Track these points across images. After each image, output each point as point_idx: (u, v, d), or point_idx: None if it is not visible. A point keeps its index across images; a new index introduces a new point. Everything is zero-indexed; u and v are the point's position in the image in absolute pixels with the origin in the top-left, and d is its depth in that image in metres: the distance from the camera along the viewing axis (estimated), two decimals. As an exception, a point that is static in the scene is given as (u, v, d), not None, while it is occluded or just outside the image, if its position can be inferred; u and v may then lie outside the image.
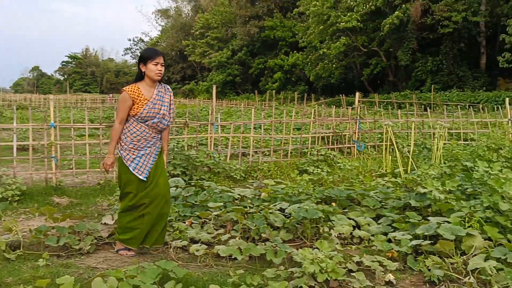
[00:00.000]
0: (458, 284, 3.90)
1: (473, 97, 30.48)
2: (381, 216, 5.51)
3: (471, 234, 4.47)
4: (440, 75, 35.85)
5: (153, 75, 4.34)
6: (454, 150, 8.77)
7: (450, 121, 12.03)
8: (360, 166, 8.42)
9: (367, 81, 41.54)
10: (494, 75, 36.37)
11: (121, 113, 4.37)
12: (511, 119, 12.13)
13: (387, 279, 3.91)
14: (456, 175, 6.70)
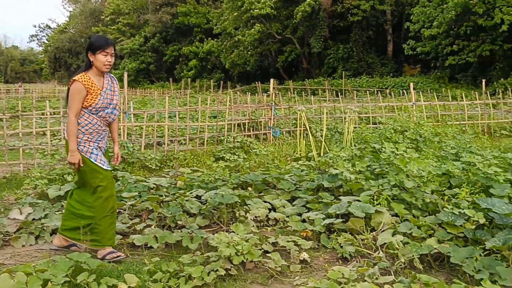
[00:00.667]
0: (369, 258, 4.09)
1: (381, 83, 31.97)
2: (296, 198, 5.64)
3: (380, 211, 4.71)
4: (351, 62, 37.24)
5: (101, 66, 4.06)
6: (363, 133, 9.14)
7: (360, 106, 12.54)
8: (275, 151, 8.57)
9: (282, 69, 42.25)
10: (400, 62, 38.37)
11: (76, 105, 3.99)
12: (415, 103, 12.86)
13: (301, 258, 4.02)
14: (365, 157, 7.00)
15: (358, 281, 3.38)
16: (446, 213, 4.42)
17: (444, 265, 3.98)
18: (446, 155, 7.46)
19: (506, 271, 3.44)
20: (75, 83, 4.00)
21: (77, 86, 3.99)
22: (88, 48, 4.11)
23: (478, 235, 4.18)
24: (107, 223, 4.15)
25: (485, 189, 5.36)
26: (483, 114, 13.31)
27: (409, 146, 7.95)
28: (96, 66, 4.07)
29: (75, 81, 4.01)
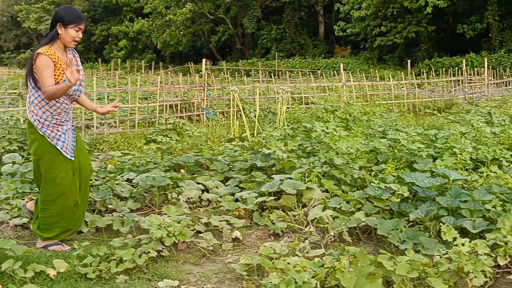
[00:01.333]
0: (300, 233, 4.18)
1: (314, 64, 32.48)
2: (229, 178, 5.66)
3: (311, 187, 4.82)
4: (284, 43, 37.51)
5: (70, 41, 3.71)
6: (296, 113, 9.29)
7: (293, 86, 12.70)
8: (209, 133, 8.53)
9: (215, 49, 41.88)
10: (331, 43, 39.11)
11: (49, 79, 3.58)
12: (345, 84, 13.19)
13: (234, 236, 4.06)
14: (297, 136, 7.12)
15: (289, 256, 3.45)
16: (373, 188, 4.59)
17: (371, 237, 4.14)
18: (374, 133, 7.73)
19: (428, 241, 3.62)
20: (41, 56, 3.59)
21: (45, 60, 3.58)
22: (58, 19, 3.67)
23: (402, 207, 4.38)
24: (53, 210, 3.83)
25: (409, 164, 5.62)
26: (408, 93, 13.86)
27: (339, 125, 8.16)
28: (64, 40, 3.70)
29: (40, 54, 3.59)
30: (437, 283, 2.86)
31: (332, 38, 38.57)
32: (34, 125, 3.71)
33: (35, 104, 3.71)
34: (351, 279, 1.82)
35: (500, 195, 4.47)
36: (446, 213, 4.18)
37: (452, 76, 16.32)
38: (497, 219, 3.84)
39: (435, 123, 9.65)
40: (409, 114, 12.25)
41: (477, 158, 5.99)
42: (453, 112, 11.20)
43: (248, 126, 8.08)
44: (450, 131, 7.10)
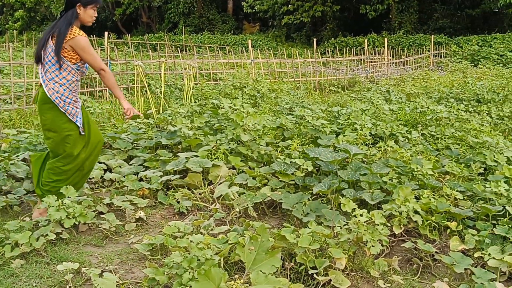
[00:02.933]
0: (205, 211, 4.16)
1: (223, 39, 32.28)
2: (133, 157, 5.49)
3: (217, 164, 4.79)
4: (192, 17, 36.84)
5: (89, 20, 3.89)
6: (203, 90, 9.18)
7: (200, 62, 12.54)
8: (112, 109, 8.20)
9: (120, 22, 40.21)
10: (240, 20, 39.04)
11: (98, 58, 3.89)
12: (254, 60, 13.24)
13: (137, 216, 3.95)
14: (205, 113, 7.04)
15: (193, 234, 3.42)
16: (279, 163, 4.66)
17: (277, 211, 4.22)
18: (281, 109, 7.85)
19: (330, 213, 3.75)
20: (82, 37, 3.76)
21: (86, 40, 3.79)
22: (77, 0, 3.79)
23: (307, 181, 4.49)
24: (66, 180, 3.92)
25: (314, 140, 5.77)
26: (314, 71, 14.23)
27: (247, 101, 8.19)
28: (83, 20, 3.87)
29: (79, 36, 3.75)
30: (337, 253, 2.97)
31: (241, 14, 38.49)
32: (55, 103, 3.74)
33: (56, 81, 3.75)
34: (250, 254, 1.81)
35: (396, 168, 4.73)
36: (347, 186, 4.35)
37: (355, 55, 16.96)
38: (393, 191, 4.06)
39: (339, 101, 10.00)
40: (315, 91, 12.58)
41: (376, 133, 6.28)
42: (355, 90, 11.65)
43: (153, 103, 7.87)
44: (352, 108, 7.38)
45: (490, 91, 9.40)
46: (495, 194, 4.12)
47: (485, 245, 3.48)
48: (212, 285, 1.64)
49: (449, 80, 12.33)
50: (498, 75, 13.54)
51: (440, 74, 15.25)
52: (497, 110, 8.04)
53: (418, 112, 7.36)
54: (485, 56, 21.35)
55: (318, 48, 21.12)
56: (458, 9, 28.23)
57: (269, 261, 1.81)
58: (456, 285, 3.08)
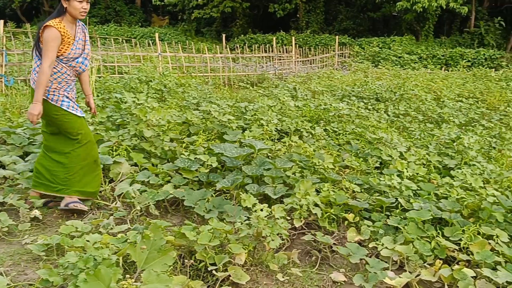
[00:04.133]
0: (106, 210, 4.01)
1: (130, 32, 31.37)
2: (29, 153, 5.16)
3: (118, 161, 4.64)
4: (98, 8, 35.45)
5: (77, 13, 3.74)
6: (107, 83, 8.86)
7: (105, 54, 12.08)
8: (7, 102, 7.67)
9: (20, 10, 37.77)
10: (149, 12, 38.14)
11: (52, 53, 3.65)
12: (161, 54, 13.00)
13: (32, 215, 3.73)
14: (107, 107, 6.79)
15: (91, 233, 3.28)
16: (183, 160, 4.60)
17: (179, 209, 4.16)
18: (188, 104, 7.76)
19: (233, 209, 3.77)
20: (49, 29, 3.64)
21: (52, 33, 3.65)
22: None
23: (211, 178, 4.48)
24: (82, 171, 3.96)
25: (220, 135, 5.77)
26: (224, 67, 14.24)
27: (152, 96, 8.01)
28: (70, 13, 3.75)
29: (48, 27, 3.65)
30: (237, 248, 2.99)
31: (149, 6, 37.58)
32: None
33: (37, 71, 3.72)
34: (142, 254, 1.77)
35: (299, 162, 4.85)
36: (250, 181, 4.40)
37: (264, 52, 17.20)
38: (295, 185, 4.16)
39: (248, 96, 10.08)
40: (224, 87, 12.59)
41: (282, 129, 6.42)
42: (264, 86, 11.81)
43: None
44: (259, 104, 7.46)
45: (388, 90, 9.94)
46: (388, 187, 4.36)
47: (379, 236, 3.67)
48: (101, 285, 1.57)
49: (351, 79, 12.89)
50: (395, 75, 14.37)
51: (344, 73, 15.91)
52: (393, 108, 8.52)
53: (322, 109, 7.61)
54: (385, 57, 22.59)
55: (227, 44, 21.19)
56: (361, 11, 29.61)
57: (161, 259, 1.77)
58: (352, 275, 3.21)
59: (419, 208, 3.88)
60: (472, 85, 12.51)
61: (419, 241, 3.47)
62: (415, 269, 3.24)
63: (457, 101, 9.72)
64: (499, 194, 4.03)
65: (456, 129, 7.01)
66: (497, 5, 27.63)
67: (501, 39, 26.24)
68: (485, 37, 25.55)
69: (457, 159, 5.43)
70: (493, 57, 22.60)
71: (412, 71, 16.86)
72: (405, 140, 6.29)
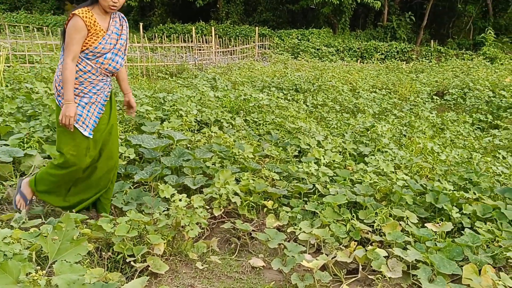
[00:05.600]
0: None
1: (42, 20, 29.85)
2: None
3: (30, 154, 4.42)
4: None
5: (105, 5, 3.19)
6: (17, 72, 8.38)
7: (14, 42, 11.42)
8: None
9: None
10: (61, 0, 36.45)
11: (75, 46, 3.13)
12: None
13: None
14: (17, 98, 6.44)
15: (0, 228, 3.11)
16: (99, 151, 4.46)
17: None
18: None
19: (151, 200, 3.71)
20: (74, 18, 3.13)
21: (77, 23, 3.13)
22: None
23: (129, 170, 4.38)
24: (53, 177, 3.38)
25: (138, 126, 5.65)
26: (142, 57, 13.92)
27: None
28: (100, 3, 3.20)
29: (74, 15, 3.14)
30: (155, 239, 2.95)
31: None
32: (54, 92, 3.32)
33: (59, 68, 3.25)
34: (54, 245, 1.71)
35: (219, 153, 4.87)
36: (170, 172, 4.35)
37: (183, 42, 17.00)
38: (215, 175, 4.17)
39: (167, 87, 9.93)
40: (142, 77, 12.32)
41: (201, 120, 6.39)
42: (183, 77, 11.70)
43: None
44: (178, 95, 7.38)
45: (306, 82, 10.20)
46: (306, 174, 4.49)
47: (297, 221, 3.78)
48: (9, 278, 1.50)
49: (271, 70, 13.07)
50: (314, 67, 14.76)
51: (264, 65, 16.11)
52: (312, 99, 8.76)
53: (242, 99, 7.66)
54: (304, 49, 23.11)
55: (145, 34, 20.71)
56: (280, 3, 30.02)
57: (74, 250, 1.72)
58: (271, 260, 3.28)
59: (335, 193, 4.03)
60: (385, 77, 13.14)
61: (335, 224, 3.61)
62: (331, 251, 3.37)
63: (372, 92, 10.17)
64: (408, 179, 4.28)
65: (370, 118, 7.33)
66: (408, 1, 29.11)
67: (412, 33, 27.73)
68: (397, 31, 26.87)
69: (371, 147, 5.69)
70: (404, 50, 23.83)
71: (329, 63, 17.39)
72: (323, 129, 6.50)
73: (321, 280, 3.00)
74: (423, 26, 27.32)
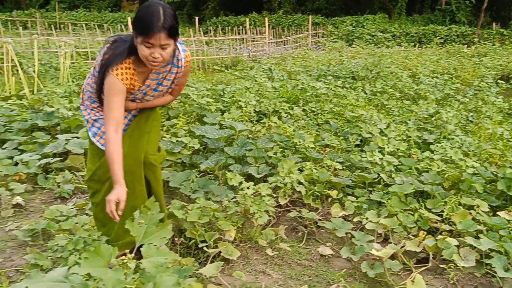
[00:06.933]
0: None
1: (100, 17, 30.86)
2: (6, 140, 5.07)
3: (100, 146, 4.60)
4: (66, -6, 34.75)
5: (144, 60, 2.45)
6: (81, 69, 8.72)
7: (77, 40, 11.87)
8: (-21, 89, 7.50)
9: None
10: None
11: (116, 112, 2.48)
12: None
13: (14, 202, 3.69)
14: (84, 92, 6.70)
15: (77, 216, 3.26)
16: (165, 142, 4.58)
17: (165, 190, 4.14)
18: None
19: (218, 188, 3.78)
20: (112, 80, 2.47)
21: (115, 85, 2.49)
22: (133, 23, 2.44)
23: (194, 159, 4.48)
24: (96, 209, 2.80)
25: (200, 118, 5.75)
26: (198, 50, 14.12)
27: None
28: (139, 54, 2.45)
29: (112, 74, 2.47)
30: (226, 225, 3.01)
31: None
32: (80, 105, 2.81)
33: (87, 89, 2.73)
34: (140, 228, 1.78)
35: (280, 142, 4.89)
36: (233, 161, 4.41)
37: (237, 35, 17.11)
38: (278, 164, 4.19)
39: (223, 79, 10.05)
40: (199, 70, 12.51)
41: (260, 110, 6.42)
42: (239, 68, 11.78)
43: (26, 83, 7.31)
44: (236, 86, 7.45)
45: (364, 69, 10.02)
46: (370, 163, 4.43)
47: (363, 210, 3.74)
48: (102, 261, 1.58)
49: (326, 58, 12.94)
50: (370, 54, 14.48)
51: (318, 53, 15.96)
52: (370, 86, 8.61)
53: (299, 89, 7.64)
54: (359, 36, 22.71)
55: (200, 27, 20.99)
56: (333, -10, 29.62)
57: (159, 233, 1.78)
58: (338, 248, 3.28)
59: (401, 182, 3.96)
60: (446, 62, 12.71)
61: (402, 213, 3.55)
62: (400, 241, 3.32)
63: (433, 78, 9.87)
64: (478, 166, 4.14)
65: (433, 104, 7.12)
66: (467, -17, 28.00)
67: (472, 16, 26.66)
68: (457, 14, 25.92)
69: (436, 134, 5.53)
70: (465, 34, 22.97)
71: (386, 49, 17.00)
72: (384, 117, 6.37)
73: (391, 268, 2.96)
74: (484, 9, 26.22)
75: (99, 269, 1.56)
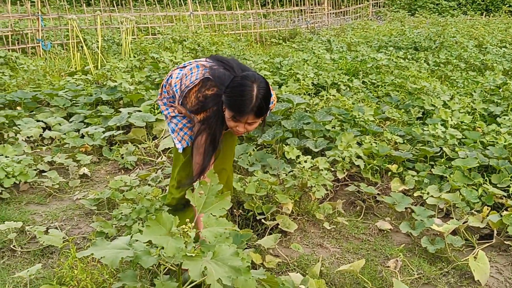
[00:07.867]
0: (152, 165, 4.11)
1: (160, -7, 31.22)
2: (73, 114, 5.30)
3: (161, 119, 4.71)
4: (126, -30, 35.33)
5: (229, 128, 2.39)
6: (142, 44, 8.90)
7: (137, 15, 12.09)
8: (47, 66, 7.82)
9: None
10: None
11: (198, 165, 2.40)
12: (193, 13, 12.91)
13: (81, 173, 3.86)
14: (145, 67, 6.86)
15: (140, 186, 3.38)
16: (223, 116, 4.63)
17: (222, 163, 4.21)
18: (223, 62, 7.72)
19: (275, 161, 3.80)
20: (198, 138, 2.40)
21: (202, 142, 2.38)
22: (224, 96, 2.27)
23: (251, 133, 4.49)
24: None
25: (257, 91, 5.74)
26: (255, 23, 14.05)
27: (187, 55, 8.02)
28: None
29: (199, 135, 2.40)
30: (283, 198, 3.03)
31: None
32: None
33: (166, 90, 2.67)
34: (200, 199, 1.82)
35: (339, 116, 4.82)
36: (291, 135, 4.41)
37: (295, 6, 16.85)
38: (336, 138, 4.14)
39: (281, 52, 9.97)
40: (256, 44, 12.47)
41: (318, 83, 6.34)
42: (297, 41, 11.63)
43: (90, 58, 7.56)
44: (294, 59, 7.38)
45: (426, 39, 9.65)
46: (432, 137, 4.29)
47: (424, 185, 3.65)
48: (163, 229, 1.63)
49: (387, 29, 12.53)
50: (434, 23, 13.88)
51: (379, 24, 15.48)
52: (433, 57, 8.29)
53: (358, 60, 7.47)
54: (422, 5, 21.78)
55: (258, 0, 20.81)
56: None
57: (219, 204, 1.82)
58: (397, 223, 3.22)
59: (465, 156, 3.82)
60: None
61: (465, 188, 3.44)
62: (462, 216, 3.22)
63: (501, 47, 9.36)
64: (549, 140, 3.92)
65: (501, 75, 6.77)
66: None
67: (546, -20, 24.90)
68: (528, -21, 24.28)
69: (503, 106, 5.28)
70: (537, 1, 21.52)
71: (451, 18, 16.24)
72: (448, 89, 6.13)
73: (452, 244, 2.89)
74: (560, -28, 24.41)
75: (161, 237, 1.61)
